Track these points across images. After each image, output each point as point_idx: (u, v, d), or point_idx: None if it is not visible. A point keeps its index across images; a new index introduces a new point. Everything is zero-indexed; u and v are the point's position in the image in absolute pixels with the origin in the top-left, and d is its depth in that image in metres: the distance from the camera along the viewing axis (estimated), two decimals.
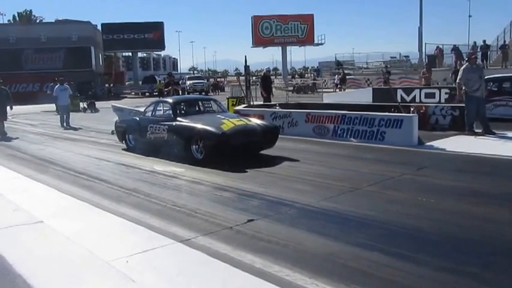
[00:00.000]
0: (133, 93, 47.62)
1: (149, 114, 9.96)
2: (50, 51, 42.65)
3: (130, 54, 58.72)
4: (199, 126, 8.46)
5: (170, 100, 10.10)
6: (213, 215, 5.25)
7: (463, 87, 10.34)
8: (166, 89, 19.35)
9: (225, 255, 4.06)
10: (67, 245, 4.51)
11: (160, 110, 9.82)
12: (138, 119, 10.22)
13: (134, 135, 10.16)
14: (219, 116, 9.23)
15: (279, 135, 9.20)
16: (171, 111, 9.33)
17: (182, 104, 9.92)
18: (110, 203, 5.92)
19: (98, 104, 25.38)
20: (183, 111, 9.46)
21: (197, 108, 9.94)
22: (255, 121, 9.16)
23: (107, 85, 49.13)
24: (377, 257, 3.93)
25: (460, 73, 10.73)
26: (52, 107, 21.56)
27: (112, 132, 11.37)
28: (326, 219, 5.05)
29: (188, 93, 39.69)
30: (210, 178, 7.12)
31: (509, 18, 33.13)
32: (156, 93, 41.79)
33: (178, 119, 9.01)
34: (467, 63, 10.98)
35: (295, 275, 3.60)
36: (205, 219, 5.11)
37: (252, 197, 6.03)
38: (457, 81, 10.75)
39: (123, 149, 10.35)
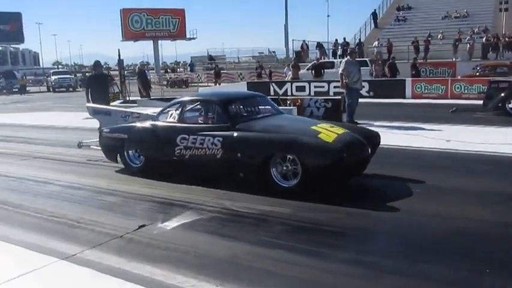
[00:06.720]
0: None
1: (171, 119, 6.65)
2: None
3: None
4: (288, 138, 5.65)
5: (214, 98, 6.74)
6: (99, 223, 4.74)
7: (345, 79, 11.09)
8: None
9: (119, 269, 3.64)
10: None
11: (196, 112, 6.88)
12: (150, 126, 6.73)
13: (146, 152, 6.70)
14: (301, 121, 6.82)
15: None
16: (222, 116, 6.18)
17: (236, 103, 6.64)
18: None
19: None
20: (242, 116, 6.47)
21: (256, 110, 6.75)
22: (342, 128, 6.18)
23: None
24: (280, 254, 3.86)
25: (342, 65, 11.54)
26: None
27: (79, 145, 8.35)
28: (224, 219, 4.85)
29: (54, 90, 36.44)
30: (91, 181, 6.49)
31: (364, 18, 36.46)
32: (16, 90, 37.65)
33: (240, 127, 5.99)
34: (348, 57, 11.94)
35: (201, 284, 3.35)
36: (90, 230, 4.58)
37: (139, 199, 5.60)
38: (340, 72, 11.49)
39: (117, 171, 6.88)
